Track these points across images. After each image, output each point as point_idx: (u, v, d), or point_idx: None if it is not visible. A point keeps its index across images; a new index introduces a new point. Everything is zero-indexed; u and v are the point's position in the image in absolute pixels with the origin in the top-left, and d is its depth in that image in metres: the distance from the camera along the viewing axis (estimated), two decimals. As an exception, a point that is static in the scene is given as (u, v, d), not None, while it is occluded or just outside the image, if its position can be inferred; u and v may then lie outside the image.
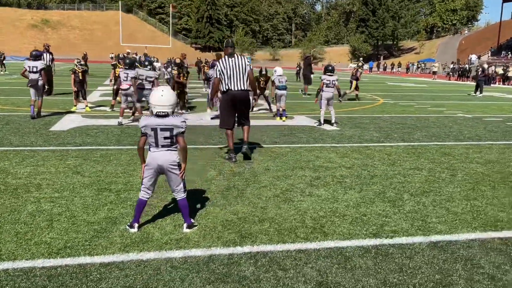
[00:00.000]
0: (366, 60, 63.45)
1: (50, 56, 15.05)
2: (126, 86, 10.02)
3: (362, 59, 38.83)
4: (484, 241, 3.98)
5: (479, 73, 24.04)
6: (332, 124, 10.50)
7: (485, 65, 28.74)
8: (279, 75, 11.40)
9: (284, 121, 11.21)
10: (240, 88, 6.62)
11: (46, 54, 14.60)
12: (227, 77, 6.58)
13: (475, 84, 24.27)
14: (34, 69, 10.05)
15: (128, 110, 10.92)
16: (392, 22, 77.04)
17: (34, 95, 10.16)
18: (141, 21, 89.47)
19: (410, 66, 59.95)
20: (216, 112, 10.96)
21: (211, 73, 12.21)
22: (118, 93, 11.41)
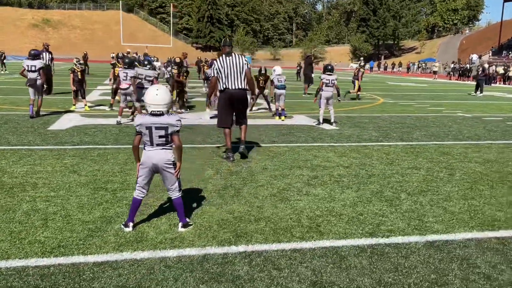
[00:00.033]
0: (367, 59, 63.33)
1: (50, 56, 15.03)
2: (126, 85, 10.00)
3: (362, 58, 38.72)
4: (481, 241, 3.95)
5: (479, 73, 24.01)
6: (331, 123, 10.47)
7: (485, 65, 28.68)
8: (278, 75, 11.39)
9: (283, 120, 11.19)
10: (238, 87, 6.62)
11: (45, 53, 14.58)
12: (225, 76, 6.58)
13: (475, 83, 24.23)
14: (33, 68, 10.04)
15: (127, 110, 10.91)
16: (393, 22, 76.87)
17: (33, 94, 10.15)
18: (142, 21, 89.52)
19: (410, 65, 59.87)
20: (215, 112, 10.93)
21: (209, 72, 12.19)
22: (117, 92, 11.40)
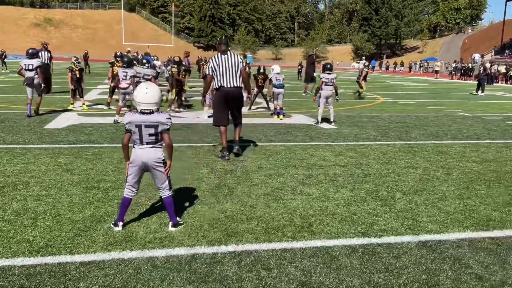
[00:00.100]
0: (369, 59, 63.19)
1: (48, 54, 14.99)
2: (125, 85, 9.96)
3: (364, 58, 38.63)
4: (474, 241, 3.90)
5: (480, 72, 23.90)
6: (331, 122, 10.42)
7: (487, 64, 28.54)
8: (277, 73, 11.33)
9: (281, 119, 11.14)
10: (233, 85, 6.59)
11: (44, 52, 14.55)
12: (220, 74, 6.55)
13: (477, 83, 24.13)
14: (30, 67, 10.01)
15: (125, 109, 10.86)
16: (395, 21, 76.69)
17: (30, 93, 10.13)
18: (143, 20, 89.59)
19: (412, 65, 59.72)
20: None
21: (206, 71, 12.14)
22: (115, 91, 11.37)
